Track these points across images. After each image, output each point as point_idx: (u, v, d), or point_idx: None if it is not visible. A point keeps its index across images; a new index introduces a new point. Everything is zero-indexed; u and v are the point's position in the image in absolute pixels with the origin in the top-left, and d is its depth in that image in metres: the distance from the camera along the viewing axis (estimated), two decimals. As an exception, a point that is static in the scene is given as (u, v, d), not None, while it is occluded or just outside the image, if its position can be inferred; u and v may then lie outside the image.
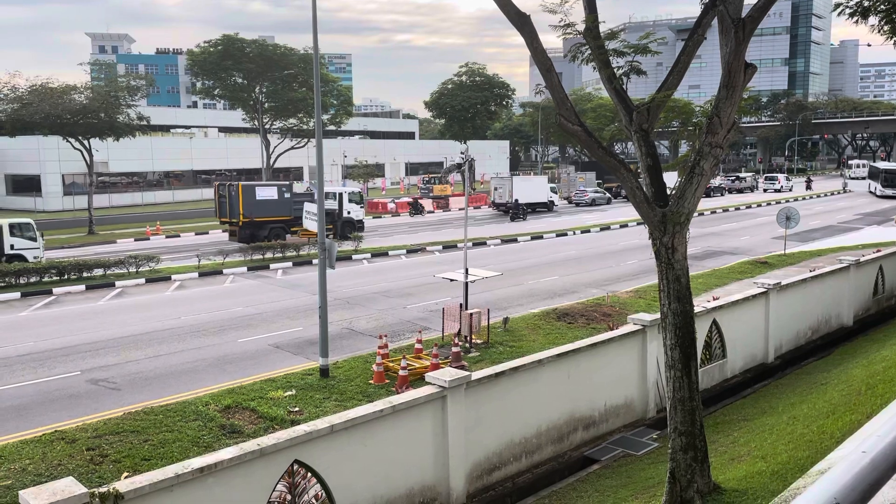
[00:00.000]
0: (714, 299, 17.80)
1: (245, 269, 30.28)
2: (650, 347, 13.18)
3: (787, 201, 58.75)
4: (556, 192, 57.90)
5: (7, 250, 28.76)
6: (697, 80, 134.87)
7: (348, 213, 41.02)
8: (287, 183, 41.47)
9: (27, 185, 61.04)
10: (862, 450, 2.09)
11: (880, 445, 2.11)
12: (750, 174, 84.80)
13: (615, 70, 8.39)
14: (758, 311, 16.28)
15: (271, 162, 56.92)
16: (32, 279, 26.41)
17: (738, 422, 12.32)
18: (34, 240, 29.83)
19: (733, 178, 78.43)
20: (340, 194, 41.19)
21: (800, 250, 32.91)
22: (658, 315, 9.47)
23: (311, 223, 35.90)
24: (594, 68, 8.51)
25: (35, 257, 29.26)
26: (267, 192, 37.71)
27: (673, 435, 8.16)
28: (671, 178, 8.47)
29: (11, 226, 29.40)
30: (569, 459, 11.63)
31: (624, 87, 8.49)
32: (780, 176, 77.40)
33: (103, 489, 6.69)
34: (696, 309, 13.06)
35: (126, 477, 9.57)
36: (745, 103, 9.78)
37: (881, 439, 2.14)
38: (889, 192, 62.76)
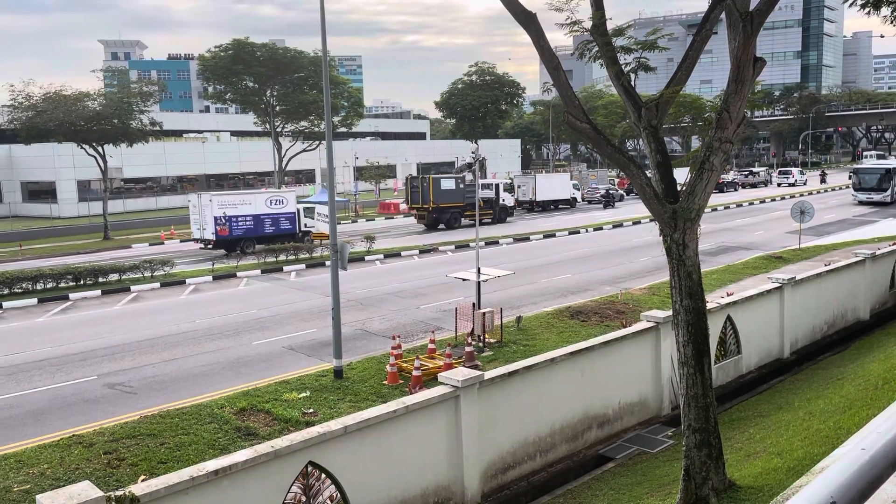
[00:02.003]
0: (728, 295, 17.69)
1: (258, 271, 30.43)
2: (664, 344, 13.11)
3: (802, 195, 58.25)
4: (578, 189, 58.75)
5: None
6: (709, 74, 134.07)
7: (503, 200, 48.45)
8: (461, 175, 47.37)
9: (43, 192, 61.63)
10: (861, 447, 2.07)
11: (880, 443, 2.09)
12: (763, 169, 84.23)
13: (623, 67, 8.36)
14: (772, 307, 16.17)
15: (283, 165, 57.14)
16: (49, 285, 26.68)
17: (753, 418, 12.24)
18: None
19: (746, 172, 77.92)
20: (497, 185, 48.49)
21: (815, 244, 32.63)
22: (671, 312, 9.43)
23: (323, 225, 36.04)
24: (602, 65, 8.49)
25: None
26: (448, 184, 44.83)
27: (687, 432, 8.12)
28: (682, 174, 8.43)
29: None
30: (583, 458, 11.60)
31: (632, 83, 8.45)
32: (794, 170, 76.75)
33: (119, 492, 6.75)
34: (710, 305, 13.01)
35: (143, 480, 9.64)
36: (755, 97, 9.73)
37: (881, 437, 2.11)
38: (862, 196, 50.90)
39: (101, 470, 10.82)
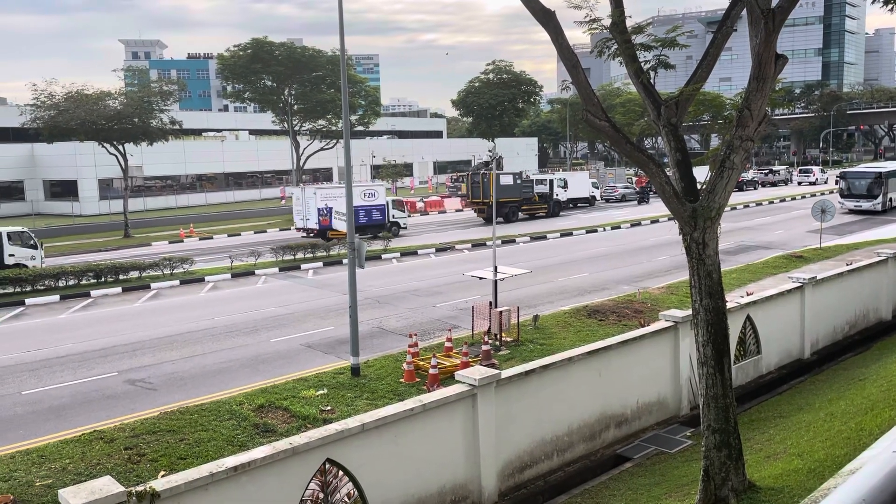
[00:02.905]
0: (748, 294, 17.54)
1: (276, 269, 30.60)
2: (682, 344, 13.03)
3: (823, 194, 57.57)
4: (597, 188, 59.52)
5: (6, 260, 28.44)
6: (728, 72, 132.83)
7: (557, 195, 50.61)
8: (518, 172, 50.44)
9: (65, 190, 62.35)
10: (893, 449, 2.04)
11: (912, 445, 2.06)
12: (784, 167, 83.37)
13: (642, 64, 8.31)
14: (793, 307, 16.01)
15: (301, 163, 57.40)
16: (71, 282, 27.00)
17: (773, 419, 12.13)
18: (35, 248, 29.68)
19: (766, 171, 77.18)
20: (551, 181, 51.03)
21: (836, 244, 32.26)
22: (690, 311, 9.37)
23: (340, 224, 36.17)
24: (621, 63, 8.44)
25: (34, 265, 28.95)
26: (506, 179, 46.51)
27: (706, 432, 8.06)
28: (702, 173, 8.37)
29: (11, 234, 29.08)
30: (601, 457, 11.55)
31: (652, 81, 8.40)
32: (815, 168, 75.89)
33: (140, 488, 6.82)
34: (730, 305, 12.89)
35: (163, 476, 9.73)
36: (776, 95, 9.63)
37: (914, 438, 2.08)
38: (850, 203, 44.90)
39: (122, 465, 10.94)
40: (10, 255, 28.71)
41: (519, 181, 47.40)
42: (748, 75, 7.95)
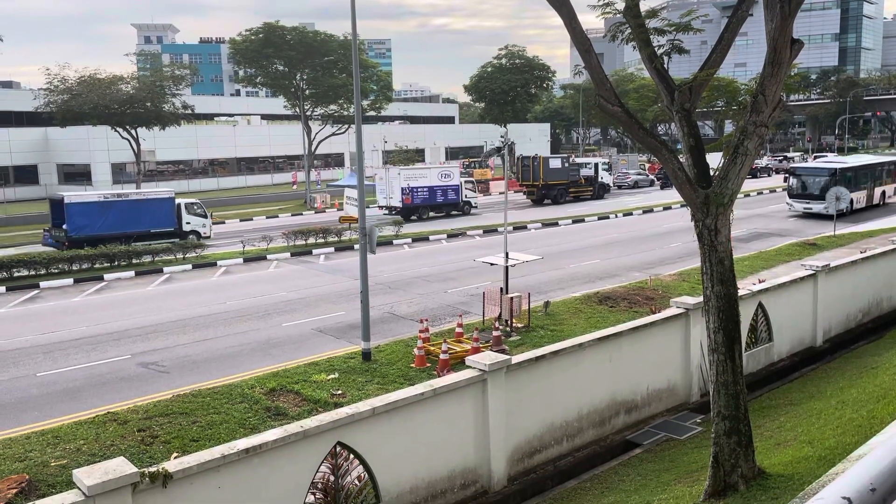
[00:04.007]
0: (760, 282, 17.45)
1: (288, 254, 30.71)
2: (693, 331, 12.99)
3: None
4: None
5: (184, 227, 33.08)
6: (743, 57, 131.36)
7: (601, 178, 52.46)
8: (566, 155, 53.12)
9: (78, 174, 62.70)
10: None
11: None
12: (798, 153, 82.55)
13: (656, 49, 8.23)
14: (805, 294, 15.91)
15: (313, 148, 57.40)
16: (85, 265, 27.21)
17: (784, 406, 12.10)
18: (204, 216, 34.22)
19: (781, 157, 76.46)
20: (597, 164, 53.18)
21: (850, 231, 31.99)
22: (701, 298, 9.34)
23: (352, 209, 36.21)
24: (635, 48, 8.37)
25: (204, 233, 33.71)
26: (555, 163, 48.87)
27: (716, 419, 8.06)
28: (715, 160, 8.31)
29: (187, 205, 33.77)
30: (610, 443, 11.57)
31: (665, 66, 8.32)
32: (830, 155, 75.07)
33: (153, 469, 6.90)
34: (742, 292, 12.83)
35: (175, 457, 9.84)
36: (791, 81, 9.51)
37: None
38: (799, 205, 39.12)
39: (135, 447, 11.07)
40: (187, 223, 33.37)
41: (566, 164, 49.60)
42: (763, 61, 7.86)
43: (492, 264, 19.80)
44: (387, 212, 41.70)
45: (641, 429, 12.06)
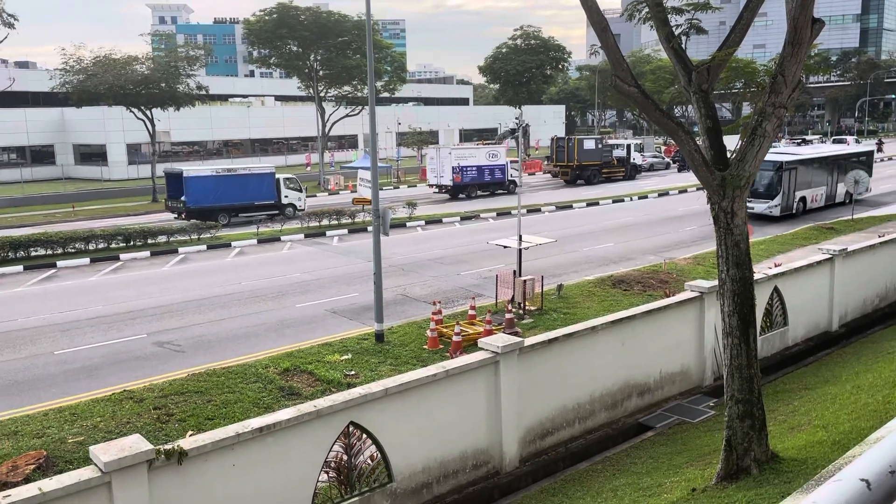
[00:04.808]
0: (776, 266, 17.30)
1: (302, 236, 30.80)
2: (708, 315, 12.93)
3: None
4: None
5: (283, 200, 35.49)
6: (762, 38, 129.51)
7: (634, 160, 53.58)
8: (600, 137, 54.41)
9: (94, 154, 63.05)
10: None
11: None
12: (817, 136, 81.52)
13: (674, 29, 8.11)
14: (822, 278, 15.77)
15: (327, 130, 57.35)
16: (101, 245, 27.44)
17: (798, 391, 12.04)
18: (299, 191, 36.45)
19: (799, 140, 75.53)
20: (629, 145, 54.46)
21: (868, 215, 31.62)
22: (716, 282, 9.27)
23: (365, 190, 36.16)
24: (652, 28, 8.25)
25: (300, 206, 35.93)
26: (589, 144, 50.42)
27: (730, 403, 8.02)
28: (732, 142, 8.21)
29: (284, 179, 35.99)
30: (623, 426, 11.57)
31: (683, 46, 8.21)
32: (849, 138, 74.08)
33: (168, 446, 6.98)
34: (757, 276, 12.73)
35: (190, 435, 9.96)
36: (812, 61, 9.36)
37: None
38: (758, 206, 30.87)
39: (151, 424, 11.20)
40: (285, 196, 35.75)
41: (600, 146, 50.86)
42: (783, 41, 7.73)
43: (505, 247, 19.77)
44: (436, 190, 44.20)
45: (654, 412, 12.05)
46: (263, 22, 53.21)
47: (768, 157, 34.26)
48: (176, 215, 34.40)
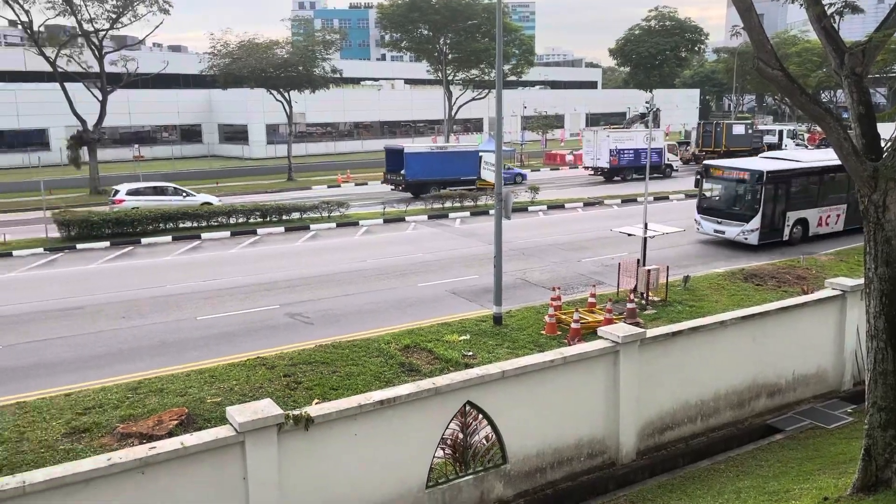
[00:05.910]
0: None
1: (426, 217, 31.38)
2: (850, 315, 12.08)
3: None
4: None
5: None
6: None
7: (785, 146, 51.36)
8: (750, 121, 54.09)
9: (236, 134, 66.92)
10: None
11: None
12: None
13: (826, 7, 7.57)
14: None
15: (453, 113, 57.90)
16: (240, 220, 29.19)
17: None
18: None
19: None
20: (780, 131, 54.41)
21: None
22: (861, 280, 8.64)
23: (489, 174, 36.31)
24: (802, 5, 7.73)
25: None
26: (738, 129, 50.63)
27: (871, 410, 7.50)
28: (887, 131, 7.59)
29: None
30: (749, 426, 11.07)
31: (836, 26, 7.65)
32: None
33: (297, 412, 7.37)
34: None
35: (316, 403, 10.47)
36: None
37: None
38: (708, 225, 24.95)
39: (281, 390, 11.87)
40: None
41: (750, 131, 50.60)
42: (954, 19, 7.04)
43: (629, 235, 19.28)
44: (592, 172, 44.82)
45: (784, 414, 11.45)
46: (397, 6, 54.30)
47: (745, 165, 25.15)
48: (393, 187, 37.48)
